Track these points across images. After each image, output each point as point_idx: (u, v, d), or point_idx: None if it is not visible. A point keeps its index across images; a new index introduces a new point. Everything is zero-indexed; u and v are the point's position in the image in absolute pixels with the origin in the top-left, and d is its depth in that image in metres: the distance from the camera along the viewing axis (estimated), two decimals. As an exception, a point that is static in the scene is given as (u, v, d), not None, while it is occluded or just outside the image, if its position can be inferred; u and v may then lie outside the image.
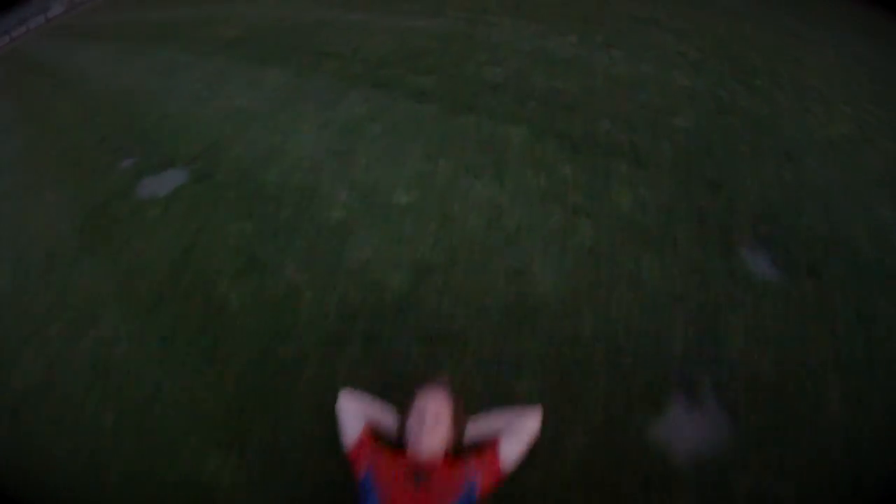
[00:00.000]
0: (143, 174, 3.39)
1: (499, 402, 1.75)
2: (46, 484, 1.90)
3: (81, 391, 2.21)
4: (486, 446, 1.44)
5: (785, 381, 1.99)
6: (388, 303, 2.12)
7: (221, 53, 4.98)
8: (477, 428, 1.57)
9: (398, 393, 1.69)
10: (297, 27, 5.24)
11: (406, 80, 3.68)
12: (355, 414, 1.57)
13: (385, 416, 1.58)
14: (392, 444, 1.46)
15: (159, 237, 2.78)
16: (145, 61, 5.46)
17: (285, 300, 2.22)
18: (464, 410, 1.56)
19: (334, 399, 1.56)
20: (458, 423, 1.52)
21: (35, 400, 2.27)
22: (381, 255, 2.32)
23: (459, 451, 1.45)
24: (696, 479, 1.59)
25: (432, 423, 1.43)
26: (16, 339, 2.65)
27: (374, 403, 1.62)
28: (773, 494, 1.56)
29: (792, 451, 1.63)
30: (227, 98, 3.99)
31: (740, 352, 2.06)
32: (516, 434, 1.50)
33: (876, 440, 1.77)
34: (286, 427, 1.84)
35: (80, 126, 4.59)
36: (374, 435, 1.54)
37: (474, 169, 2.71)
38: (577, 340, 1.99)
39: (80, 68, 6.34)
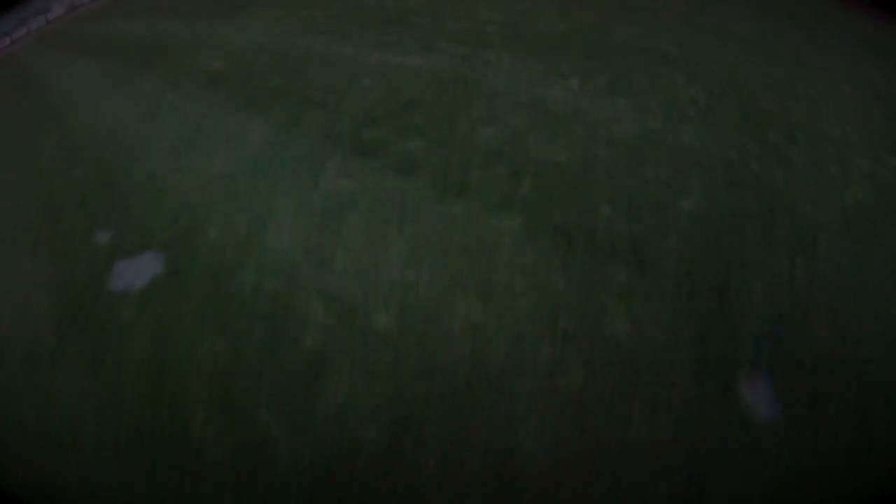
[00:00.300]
0: (117, 255, 3.24)
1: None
2: None
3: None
4: None
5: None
6: (362, 464, 2.01)
7: (205, 93, 4.72)
8: None
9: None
10: (283, 61, 4.94)
11: (393, 145, 3.44)
12: None
13: None
14: None
15: (134, 349, 2.66)
16: (129, 95, 5.20)
17: (260, 452, 2.12)
18: None
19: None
20: None
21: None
22: (357, 399, 2.20)
23: None
24: None
25: None
26: (3, 454, 2.60)
27: None
28: None
29: None
30: (207, 158, 3.78)
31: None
32: None
33: None
34: None
35: (61, 176, 4.43)
36: None
37: (460, 281, 2.53)
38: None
39: (67, 95, 6.06)
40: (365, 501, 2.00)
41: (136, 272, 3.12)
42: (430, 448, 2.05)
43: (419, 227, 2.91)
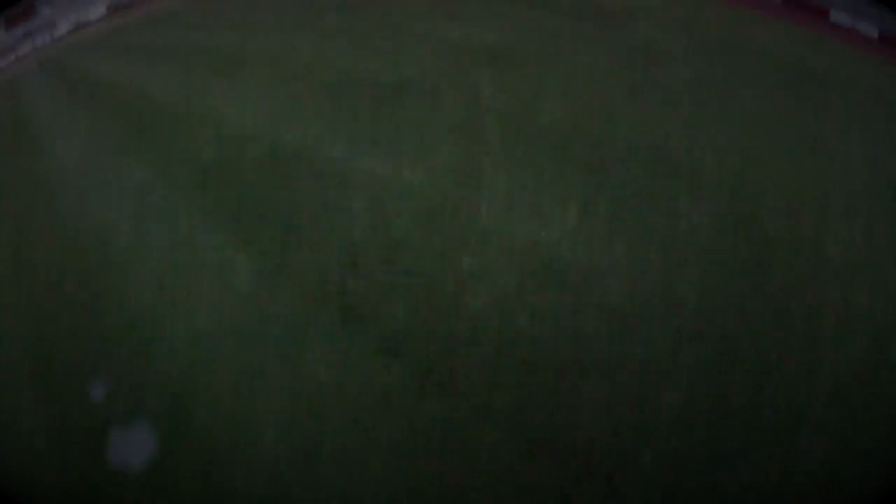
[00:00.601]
0: (112, 422, 3.31)
1: None
2: None
3: None
4: None
5: None
6: None
7: (194, 194, 4.59)
8: None
9: None
10: (273, 158, 4.70)
11: (379, 312, 3.37)
12: None
13: None
14: None
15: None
16: (120, 179, 5.07)
17: None
18: None
19: None
20: None
21: None
22: None
23: None
24: None
25: None
26: None
27: None
28: None
29: None
30: (194, 299, 3.76)
31: None
32: None
33: None
34: None
35: (53, 285, 4.36)
36: None
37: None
38: None
39: (61, 162, 5.90)
40: None
41: (132, 448, 3.19)
42: None
43: (402, 431, 2.92)
